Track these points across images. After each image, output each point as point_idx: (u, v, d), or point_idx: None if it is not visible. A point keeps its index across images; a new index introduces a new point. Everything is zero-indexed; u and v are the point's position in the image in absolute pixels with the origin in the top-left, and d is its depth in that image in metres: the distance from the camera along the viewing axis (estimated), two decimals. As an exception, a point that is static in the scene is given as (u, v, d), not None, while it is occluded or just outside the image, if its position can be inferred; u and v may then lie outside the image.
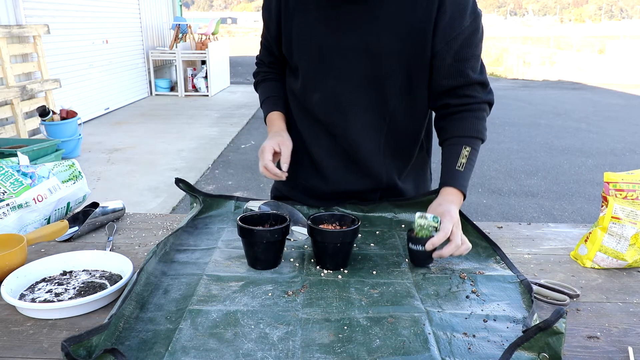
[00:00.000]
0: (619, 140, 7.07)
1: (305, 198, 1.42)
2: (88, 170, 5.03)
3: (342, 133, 1.30)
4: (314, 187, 1.39)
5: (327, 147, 1.33)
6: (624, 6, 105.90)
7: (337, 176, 1.35)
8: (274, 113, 1.38)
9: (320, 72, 1.26)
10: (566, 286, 1.02)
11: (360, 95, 1.25)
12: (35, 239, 1.22)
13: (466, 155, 1.19)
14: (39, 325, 0.89)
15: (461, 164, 1.18)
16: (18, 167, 1.32)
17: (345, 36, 1.20)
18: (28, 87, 5.46)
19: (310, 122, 1.34)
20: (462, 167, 1.18)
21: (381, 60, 1.20)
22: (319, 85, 1.27)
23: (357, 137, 1.29)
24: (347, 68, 1.23)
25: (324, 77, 1.26)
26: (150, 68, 9.69)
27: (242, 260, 1.12)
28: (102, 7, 7.88)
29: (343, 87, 1.25)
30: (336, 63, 1.23)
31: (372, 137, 1.30)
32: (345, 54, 1.21)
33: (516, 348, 0.77)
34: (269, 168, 1.25)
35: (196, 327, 0.86)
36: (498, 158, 6.11)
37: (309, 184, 1.40)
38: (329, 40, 1.22)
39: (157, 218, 1.42)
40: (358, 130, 1.29)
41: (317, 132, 1.33)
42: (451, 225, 1.06)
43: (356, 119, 1.28)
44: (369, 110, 1.27)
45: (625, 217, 1.10)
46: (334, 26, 1.21)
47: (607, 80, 14.11)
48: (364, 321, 0.89)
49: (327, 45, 1.22)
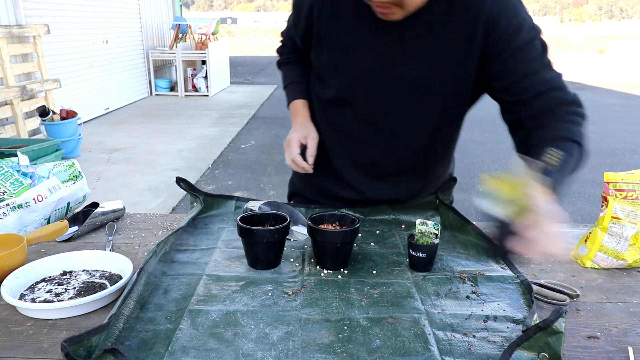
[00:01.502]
0: (619, 140, 7.07)
1: (320, 197, 1.41)
2: (88, 170, 5.03)
3: (369, 149, 1.28)
4: (332, 192, 1.39)
5: (349, 158, 1.32)
6: (624, 6, 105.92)
7: (359, 185, 1.34)
8: (299, 101, 1.35)
9: (357, 93, 1.21)
10: (566, 286, 1.02)
11: (397, 120, 1.22)
12: (35, 239, 1.22)
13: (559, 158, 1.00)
14: (39, 325, 0.89)
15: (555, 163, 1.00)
16: (18, 167, 1.32)
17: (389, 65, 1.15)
18: (28, 87, 5.46)
19: (335, 130, 1.31)
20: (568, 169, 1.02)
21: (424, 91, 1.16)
22: (354, 103, 1.24)
23: (384, 157, 1.28)
24: (389, 93, 1.18)
25: (362, 98, 1.21)
26: (150, 68, 9.69)
27: (242, 260, 1.12)
28: (102, 7, 7.87)
29: (381, 109, 1.21)
30: (377, 89, 1.18)
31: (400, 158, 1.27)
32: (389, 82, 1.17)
33: (516, 348, 0.77)
34: (297, 161, 1.23)
35: (196, 327, 0.86)
36: (498, 158, 6.11)
37: (325, 185, 1.39)
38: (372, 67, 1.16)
39: (157, 218, 1.42)
40: (386, 151, 1.26)
41: (341, 142, 1.31)
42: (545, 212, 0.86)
43: (388, 140, 1.25)
44: (402, 136, 1.24)
45: (625, 217, 1.10)
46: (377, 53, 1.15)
47: (607, 80, 14.11)
48: (364, 321, 0.89)
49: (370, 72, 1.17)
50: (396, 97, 1.18)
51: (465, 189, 4.93)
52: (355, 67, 1.18)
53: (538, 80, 1.08)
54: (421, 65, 1.14)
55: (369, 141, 1.27)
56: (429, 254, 1.07)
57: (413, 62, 1.14)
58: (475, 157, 6.17)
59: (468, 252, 1.17)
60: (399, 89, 1.17)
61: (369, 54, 1.16)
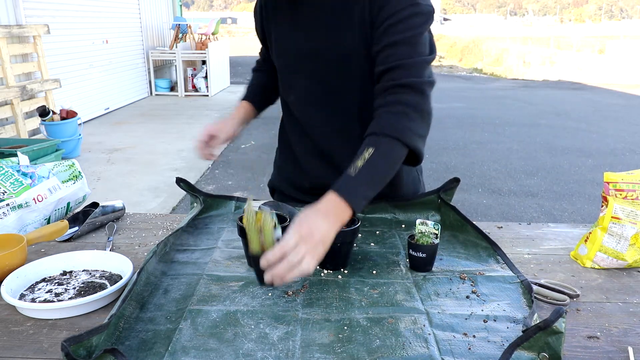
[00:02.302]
0: (619, 140, 7.07)
1: (292, 191, 1.44)
2: (88, 170, 5.03)
3: (318, 133, 1.31)
4: (296, 181, 1.42)
5: (306, 145, 1.35)
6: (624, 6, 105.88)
7: (316, 172, 1.36)
8: (241, 102, 1.44)
9: (292, 73, 1.28)
10: (566, 286, 1.02)
11: (329, 98, 1.24)
12: (35, 239, 1.22)
13: (365, 157, 0.96)
14: (39, 325, 0.89)
15: (355, 168, 0.96)
16: (18, 167, 1.32)
17: (307, 38, 1.21)
18: (28, 87, 5.46)
19: (292, 120, 1.36)
20: (356, 171, 0.95)
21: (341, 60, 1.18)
22: (293, 86, 1.30)
23: (331, 140, 1.29)
24: (314, 70, 1.22)
25: (297, 79, 1.28)
26: (150, 68, 9.69)
27: (242, 260, 1.12)
28: (102, 7, 7.87)
29: (313, 88, 1.25)
30: (305, 65, 1.23)
31: (346, 140, 1.25)
32: (311, 56, 1.22)
33: (516, 348, 0.77)
34: (198, 147, 1.35)
35: (196, 327, 0.86)
36: (498, 158, 6.11)
37: (293, 177, 1.43)
38: (297, 43, 1.23)
39: (157, 218, 1.42)
40: (331, 133, 1.28)
41: (298, 130, 1.35)
42: (293, 240, 0.85)
43: (326, 118, 1.27)
44: (338, 113, 1.26)
45: (625, 217, 1.10)
46: (300, 28, 1.22)
47: (607, 80, 14.11)
48: (364, 321, 0.89)
49: (296, 48, 1.24)
50: (323, 70, 1.22)
51: (465, 189, 4.93)
52: (290, 49, 1.25)
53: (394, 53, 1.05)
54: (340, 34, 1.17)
55: (315, 125, 1.30)
56: (429, 254, 1.07)
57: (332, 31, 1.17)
58: (475, 157, 6.17)
59: (468, 252, 1.17)
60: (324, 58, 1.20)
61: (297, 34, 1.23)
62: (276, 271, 0.84)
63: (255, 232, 0.88)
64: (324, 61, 1.21)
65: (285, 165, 1.45)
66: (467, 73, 18.24)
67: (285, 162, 1.45)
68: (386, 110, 1.03)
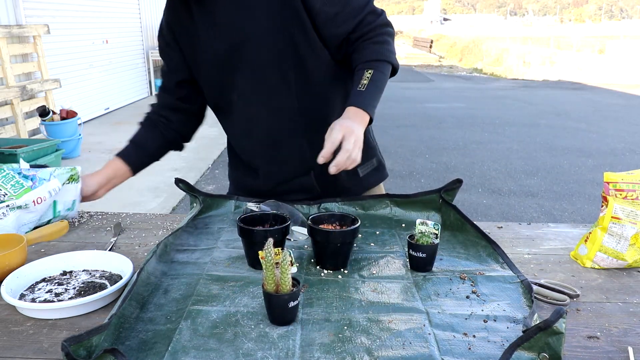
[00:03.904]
0: (619, 140, 7.07)
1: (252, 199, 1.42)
2: (88, 170, 4.98)
3: (258, 124, 1.32)
4: (253, 189, 1.43)
5: (250, 144, 1.38)
6: (624, 6, 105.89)
7: (266, 169, 1.38)
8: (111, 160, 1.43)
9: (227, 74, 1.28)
10: (566, 286, 1.02)
11: (263, 83, 1.27)
12: (35, 239, 1.22)
13: (368, 76, 1.18)
14: (39, 325, 0.89)
15: (363, 85, 1.17)
16: (19, 170, 1.32)
17: (227, 33, 1.23)
18: (28, 87, 5.46)
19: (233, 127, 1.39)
20: (364, 87, 1.17)
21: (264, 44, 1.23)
22: (232, 86, 1.30)
23: (271, 124, 1.31)
24: (244, 61, 1.25)
25: (232, 77, 1.28)
26: (150, 68, 9.69)
27: (242, 260, 1.12)
28: (102, 7, 7.87)
29: (248, 79, 1.27)
30: (235, 60, 1.25)
31: (286, 119, 1.31)
32: (237, 49, 1.24)
33: (516, 348, 0.77)
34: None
35: (196, 327, 0.86)
36: (498, 158, 6.11)
37: (249, 185, 1.44)
38: (220, 43, 1.25)
39: (157, 218, 1.42)
40: (271, 117, 1.31)
41: (240, 134, 1.38)
42: (340, 134, 1.08)
43: (266, 106, 1.30)
44: (274, 94, 1.28)
45: (625, 217, 1.10)
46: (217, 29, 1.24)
47: (607, 80, 14.11)
48: (364, 321, 0.89)
49: (221, 48, 1.25)
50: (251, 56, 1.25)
51: (465, 189, 4.93)
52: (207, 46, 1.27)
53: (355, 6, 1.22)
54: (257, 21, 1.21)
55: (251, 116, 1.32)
56: (429, 254, 1.07)
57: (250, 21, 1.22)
58: (475, 157, 6.17)
59: (468, 252, 1.17)
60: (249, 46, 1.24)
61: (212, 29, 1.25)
62: (337, 160, 1.07)
63: (272, 267, 0.87)
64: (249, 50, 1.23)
65: (238, 174, 1.48)
66: (467, 73, 18.25)
67: (237, 171, 1.48)
68: (373, 42, 1.23)
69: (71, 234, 1.31)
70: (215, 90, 1.35)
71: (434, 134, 7.38)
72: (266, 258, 0.86)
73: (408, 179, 5.31)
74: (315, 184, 1.38)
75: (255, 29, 1.22)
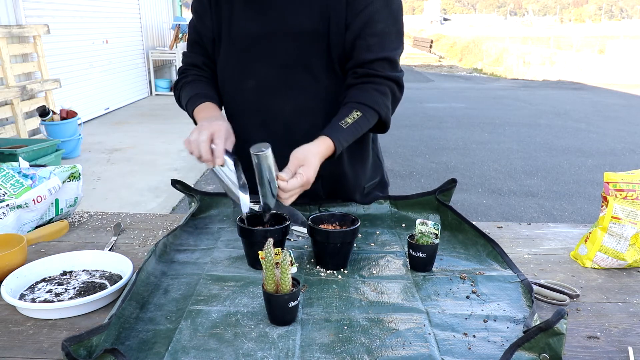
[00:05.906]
0: (619, 140, 7.07)
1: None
2: (88, 170, 5.03)
3: (277, 118, 1.29)
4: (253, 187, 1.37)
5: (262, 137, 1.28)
6: (624, 6, 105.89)
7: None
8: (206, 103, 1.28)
9: (250, 59, 1.26)
10: (566, 286, 1.02)
11: (292, 78, 1.25)
12: (35, 239, 1.22)
13: (354, 117, 1.17)
14: (39, 325, 0.89)
15: (346, 122, 1.16)
16: (19, 169, 1.32)
17: (268, 19, 1.22)
18: (28, 87, 5.46)
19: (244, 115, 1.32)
20: (346, 125, 1.16)
21: (303, 39, 1.21)
22: (252, 73, 1.27)
23: (292, 120, 1.28)
24: (275, 51, 1.23)
25: (256, 64, 1.26)
26: (150, 68, 9.69)
27: (242, 260, 1.12)
28: (102, 7, 7.87)
29: (274, 70, 1.25)
30: (264, 48, 1.24)
31: (308, 119, 1.28)
32: (271, 38, 1.22)
33: (517, 348, 0.77)
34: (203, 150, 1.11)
35: (196, 327, 0.86)
36: (498, 158, 6.11)
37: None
38: (254, 26, 1.23)
39: (157, 218, 1.42)
40: (293, 113, 1.28)
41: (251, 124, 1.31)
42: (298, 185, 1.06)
43: (291, 102, 1.27)
44: (302, 92, 1.26)
45: (625, 217, 1.10)
46: (257, 10, 1.22)
47: (607, 80, 14.11)
48: (364, 321, 0.89)
49: (253, 31, 1.24)
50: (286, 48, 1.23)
51: (465, 189, 4.93)
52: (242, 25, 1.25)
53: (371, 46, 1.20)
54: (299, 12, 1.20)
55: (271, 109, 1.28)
56: (429, 254, 1.07)
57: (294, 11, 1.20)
58: (475, 157, 6.17)
59: (468, 252, 1.17)
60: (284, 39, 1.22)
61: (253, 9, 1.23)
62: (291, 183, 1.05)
63: (272, 267, 0.87)
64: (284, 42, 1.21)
65: None
66: (467, 73, 18.24)
67: None
68: (375, 88, 1.21)
69: (71, 234, 1.31)
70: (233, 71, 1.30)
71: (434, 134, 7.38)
72: (266, 258, 0.86)
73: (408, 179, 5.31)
74: (321, 190, 1.37)
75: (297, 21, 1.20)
